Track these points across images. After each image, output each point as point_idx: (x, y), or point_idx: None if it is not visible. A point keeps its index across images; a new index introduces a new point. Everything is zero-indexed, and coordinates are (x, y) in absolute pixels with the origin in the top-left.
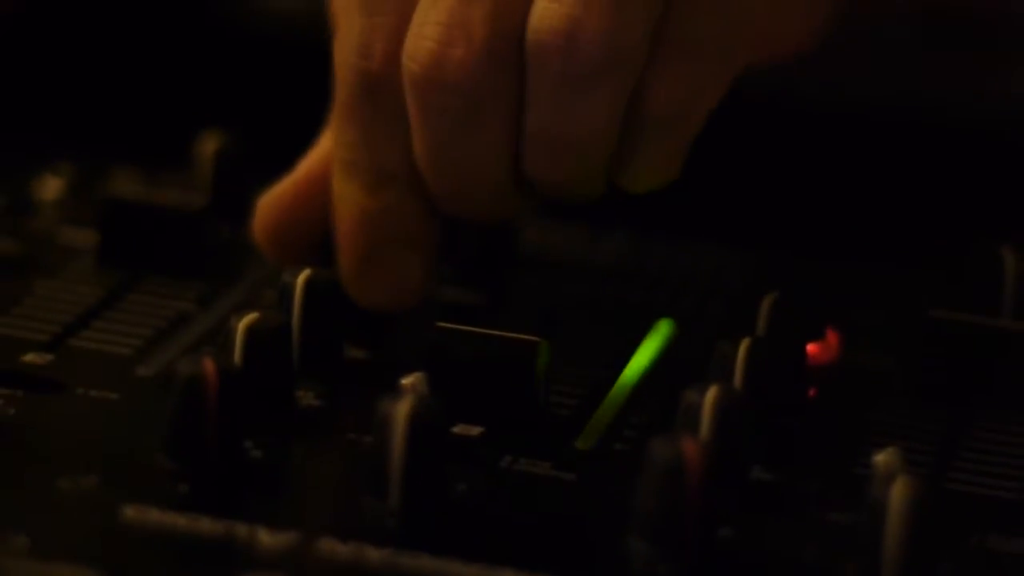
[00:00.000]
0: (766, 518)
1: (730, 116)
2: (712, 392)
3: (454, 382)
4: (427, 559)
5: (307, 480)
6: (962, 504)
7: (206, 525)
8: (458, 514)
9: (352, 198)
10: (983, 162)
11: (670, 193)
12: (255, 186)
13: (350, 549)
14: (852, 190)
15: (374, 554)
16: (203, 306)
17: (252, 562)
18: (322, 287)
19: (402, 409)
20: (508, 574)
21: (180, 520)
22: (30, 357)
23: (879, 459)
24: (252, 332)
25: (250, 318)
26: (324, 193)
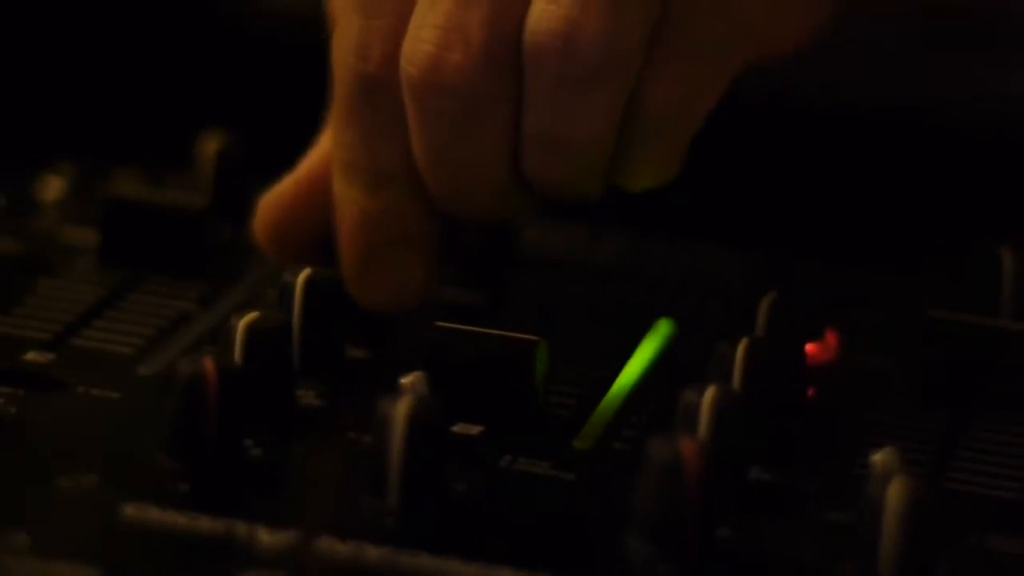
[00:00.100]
0: (765, 518)
1: (729, 116)
2: (711, 392)
3: (454, 382)
4: (426, 558)
5: (307, 479)
6: (961, 504)
7: (206, 524)
8: (457, 513)
9: (352, 199)
10: (983, 162)
11: (669, 193)
12: (256, 186)
13: (349, 548)
14: (851, 190)
15: (373, 553)
16: (204, 306)
17: (252, 561)
18: (322, 287)
19: (402, 409)
20: (507, 573)
21: (180, 519)
22: (31, 356)
23: (876, 458)
24: (253, 331)
25: (251, 317)
26: (325, 192)
